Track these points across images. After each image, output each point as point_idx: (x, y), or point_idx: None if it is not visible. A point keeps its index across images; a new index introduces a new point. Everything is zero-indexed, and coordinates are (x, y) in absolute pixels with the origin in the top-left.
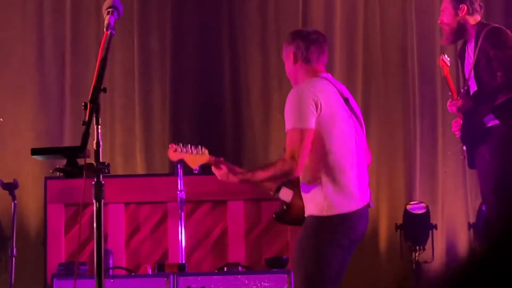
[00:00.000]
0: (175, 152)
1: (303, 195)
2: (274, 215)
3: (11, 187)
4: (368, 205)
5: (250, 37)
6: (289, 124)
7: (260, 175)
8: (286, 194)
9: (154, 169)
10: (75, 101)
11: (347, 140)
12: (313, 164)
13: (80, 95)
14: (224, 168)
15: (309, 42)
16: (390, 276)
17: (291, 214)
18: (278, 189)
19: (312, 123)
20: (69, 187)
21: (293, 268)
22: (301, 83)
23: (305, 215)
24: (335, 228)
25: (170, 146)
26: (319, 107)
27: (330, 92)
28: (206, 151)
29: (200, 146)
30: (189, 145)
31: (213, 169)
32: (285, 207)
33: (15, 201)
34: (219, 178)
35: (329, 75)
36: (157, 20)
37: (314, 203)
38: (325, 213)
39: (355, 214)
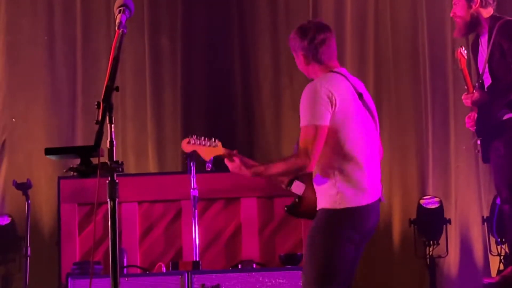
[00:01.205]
0: (188, 144)
1: (316, 188)
2: (285, 208)
3: (24, 187)
4: (379, 200)
5: (260, 34)
6: (304, 120)
7: (274, 169)
8: (298, 187)
9: (166, 167)
10: (86, 101)
11: (360, 135)
12: (327, 158)
13: (91, 95)
14: (236, 160)
15: (319, 44)
16: (404, 271)
17: (302, 207)
18: (290, 183)
19: (326, 120)
20: (82, 187)
21: (304, 261)
22: (315, 78)
23: (317, 209)
24: (345, 222)
25: (184, 139)
26: (333, 102)
27: (344, 87)
28: (220, 143)
29: (213, 138)
30: (203, 137)
31: (226, 161)
32: (297, 200)
33: (29, 201)
34: (231, 170)
35: (344, 69)
36: (168, 19)
37: (326, 196)
38: (337, 206)
39: (366, 208)
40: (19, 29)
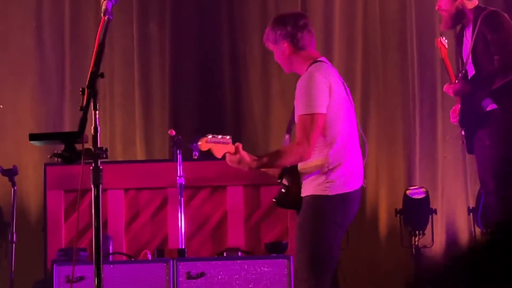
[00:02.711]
0: (206, 143)
1: (305, 176)
2: (274, 200)
3: (10, 174)
4: (362, 187)
5: (249, 23)
6: (302, 109)
7: (277, 161)
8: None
9: (154, 155)
10: (74, 88)
11: (350, 123)
12: (320, 146)
13: (79, 82)
14: (237, 155)
15: (300, 29)
16: (390, 261)
17: (290, 197)
18: (282, 174)
19: (324, 108)
20: (69, 173)
21: (296, 248)
22: (300, 68)
23: (303, 195)
24: (335, 208)
25: (201, 139)
26: (331, 92)
27: (336, 77)
28: (230, 140)
29: (226, 136)
30: (217, 136)
31: (226, 154)
32: (284, 191)
33: (15, 187)
34: (229, 163)
35: (325, 58)
36: (157, 7)
37: (315, 183)
38: (327, 192)
39: (354, 194)
40: (7, 15)
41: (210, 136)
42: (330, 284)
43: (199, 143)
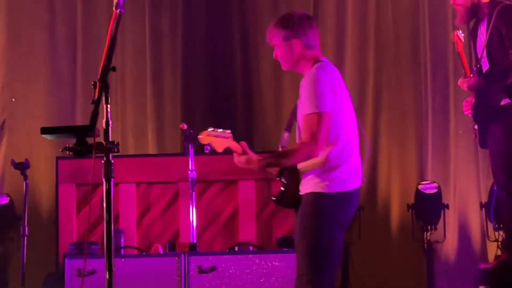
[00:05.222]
0: (207, 137)
1: (305, 174)
2: (273, 198)
3: (22, 167)
4: (360, 186)
5: (261, 17)
6: (307, 108)
7: (285, 161)
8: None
9: (165, 149)
10: (86, 82)
11: (351, 122)
12: (323, 145)
13: (91, 76)
14: (244, 156)
15: (308, 28)
16: (402, 256)
17: (288, 196)
18: (280, 173)
19: (329, 107)
20: (81, 167)
21: (295, 244)
22: (304, 68)
23: (303, 193)
24: (335, 205)
25: (202, 132)
26: (334, 91)
27: (339, 76)
28: (231, 135)
29: (226, 130)
30: (217, 129)
31: (234, 155)
32: (283, 189)
33: (27, 181)
34: (236, 164)
35: (326, 58)
36: (169, 1)
37: (315, 181)
38: (327, 190)
39: (353, 193)
40: (19, 9)
41: (211, 129)
42: (332, 280)
43: (200, 136)
